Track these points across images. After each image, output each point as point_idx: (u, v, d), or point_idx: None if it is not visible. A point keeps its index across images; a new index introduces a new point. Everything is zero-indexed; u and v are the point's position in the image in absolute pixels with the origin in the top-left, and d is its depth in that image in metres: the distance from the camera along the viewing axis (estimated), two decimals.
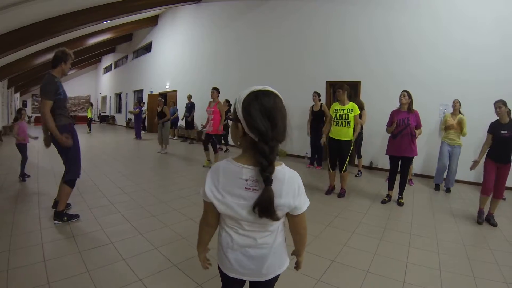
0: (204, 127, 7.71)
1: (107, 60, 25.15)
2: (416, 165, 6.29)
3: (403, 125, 4.39)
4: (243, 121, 1.05)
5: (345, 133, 4.68)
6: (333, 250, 2.91)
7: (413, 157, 4.55)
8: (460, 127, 5.33)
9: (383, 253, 2.89)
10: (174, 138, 12.63)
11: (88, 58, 22.30)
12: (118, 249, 2.74)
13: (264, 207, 1.03)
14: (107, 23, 12.97)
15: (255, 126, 1.01)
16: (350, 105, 4.69)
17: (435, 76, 6.43)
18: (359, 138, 6.36)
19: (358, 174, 6.65)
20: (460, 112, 5.50)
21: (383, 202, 4.64)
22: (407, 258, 2.80)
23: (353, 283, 2.35)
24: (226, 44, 11.45)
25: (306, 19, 8.61)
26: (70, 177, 3.38)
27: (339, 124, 4.70)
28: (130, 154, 8.86)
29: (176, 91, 14.06)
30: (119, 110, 22.34)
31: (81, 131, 15.31)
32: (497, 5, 5.75)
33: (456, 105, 5.46)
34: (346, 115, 4.64)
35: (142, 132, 13.90)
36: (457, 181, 5.76)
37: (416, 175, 6.46)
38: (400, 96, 4.51)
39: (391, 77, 7.02)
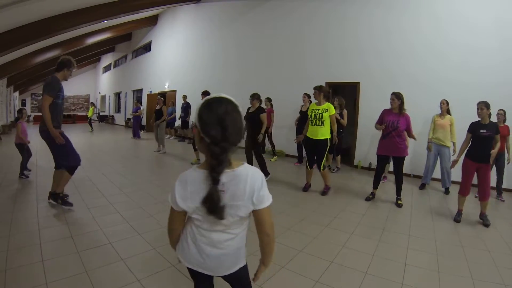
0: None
1: (107, 60, 25.08)
2: (411, 165, 6.33)
3: (391, 127, 4.47)
4: (198, 127, 1.13)
5: (320, 133, 4.79)
6: (332, 251, 2.91)
7: (404, 157, 4.59)
8: (450, 127, 5.43)
9: (382, 254, 2.90)
10: (172, 138, 12.71)
11: (88, 57, 22.23)
12: (117, 249, 2.73)
13: (212, 204, 1.09)
14: (106, 23, 12.93)
15: (207, 131, 1.09)
16: (326, 105, 4.80)
17: (434, 78, 6.44)
18: (341, 135, 6.59)
19: (335, 169, 6.99)
20: (448, 113, 5.57)
21: (367, 199, 4.77)
22: (405, 259, 2.80)
23: (351, 285, 2.35)
24: (225, 44, 11.44)
25: (305, 19, 8.61)
26: (72, 164, 3.74)
27: (314, 124, 4.83)
28: (128, 154, 8.85)
29: (175, 91, 14.04)
30: (118, 110, 22.30)
31: (82, 129, 15.45)
32: (497, 8, 5.77)
33: (443, 105, 5.54)
34: (320, 114, 4.76)
35: (141, 131, 14.10)
36: (454, 182, 5.78)
37: (414, 176, 6.47)
38: (390, 100, 4.57)
39: (390, 78, 7.02)
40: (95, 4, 9.03)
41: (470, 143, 4.07)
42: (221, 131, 1.08)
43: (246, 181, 1.15)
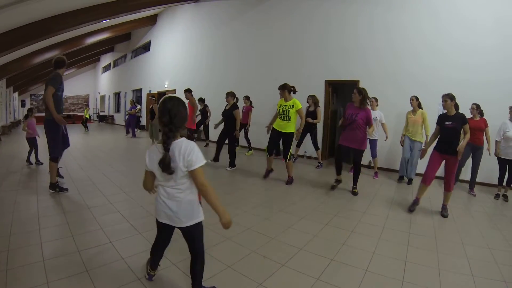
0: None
1: (106, 60, 25.08)
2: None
3: (350, 119, 4.80)
4: (158, 115, 1.77)
5: (287, 127, 5.26)
6: (332, 249, 2.91)
7: (362, 150, 4.89)
8: (422, 121, 5.73)
9: (382, 252, 2.90)
10: None
11: (87, 57, 22.23)
12: (117, 248, 2.74)
13: (164, 165, 1.69)
14: (105, 22, 12.93)
15: (161, 118, 1.74)
16: (292, 101, 5.25)
17: (433, 76, 6.44)
18: (314, 131, 7.18)
19: (318, 166, 7.28)
20: (420, 107, 5.83)
21: (333, 188, 5.17)
22: (406, 257, 2.80)
23: (352, 282, 2.35)
24: (225, 42, 11.44)
25: (305, 17, 8.61)
26: (53, 155, 4.36)
27: (282, 118, 5.31)
28: (128, 153, 8.86)
29: (175, 90, 14.03)
30: (118, 110, 22.29)
31: (81, 130, 15.47)
32: (497, 5, 5.76)
33: (412, 101, 5.82)
34: (287, 110, 5.23)
35: (138, 130, 14.87)
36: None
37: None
38: (352, 94, 4.91)
39: (389, 76, 7.02)
40: (94, 4, 9.03)
41: (439, 135, 4.23)
42: (169, 117, 1.71)
43: (180, 150, 1.72)
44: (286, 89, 5.28)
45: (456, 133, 4.01)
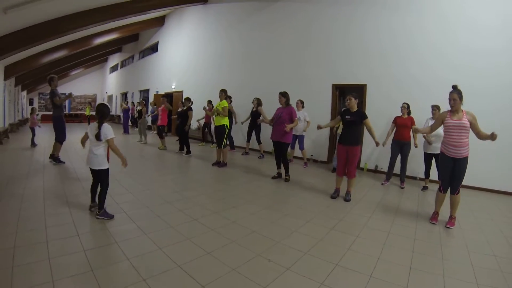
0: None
1: (114, 60, 25.31)
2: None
3: (277, 117, 5.81)
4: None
5: (220, 121, 6.89)
6: (337, 254, 2.90)
7: (287, 143, 5.80)
8: None
9: (387, 257, 2.88)
10: (154, 133, 13.80)
11: (95, 57, 22.45)
12: (123, 248, 2.75)
13: (96, 135, 3.38)
14: (114, 23, 13.05)
15: (96, 114, 3.57)
16: (223, 102, 6.88)
17: (438, 81, 6.30)
18: (257, 128, 8.90)
19: (260, 156, 8.76)
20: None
21: (273, 178, 6.08)
22: (410, 263, 2.78)
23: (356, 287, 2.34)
24: (231, 45, 11.48)
25: (311, 21, 8.60)
26: (60, 140, 6.42)
27: (217, 115, 6.90)
28: (134, 153, 8.87)
29: (182, 91, 14.10)
30: None
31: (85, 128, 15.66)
32: (504, 9, 5.67)
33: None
34: (219, 109, 6.82)
35: (135, 129, 16.07)
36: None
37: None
38: (278, 98, 5.91)
39: (395, 81, 6.97)
40: (103, 5, 9.12)
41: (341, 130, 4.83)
42: (101, 114, 3.46)
43: (102, 129, 3.39)
44: (224, 93, 6.96)
45: (354, 126, 4.61)
